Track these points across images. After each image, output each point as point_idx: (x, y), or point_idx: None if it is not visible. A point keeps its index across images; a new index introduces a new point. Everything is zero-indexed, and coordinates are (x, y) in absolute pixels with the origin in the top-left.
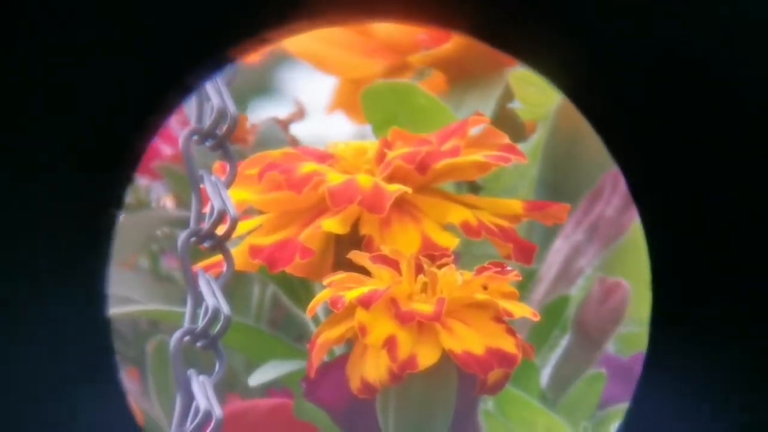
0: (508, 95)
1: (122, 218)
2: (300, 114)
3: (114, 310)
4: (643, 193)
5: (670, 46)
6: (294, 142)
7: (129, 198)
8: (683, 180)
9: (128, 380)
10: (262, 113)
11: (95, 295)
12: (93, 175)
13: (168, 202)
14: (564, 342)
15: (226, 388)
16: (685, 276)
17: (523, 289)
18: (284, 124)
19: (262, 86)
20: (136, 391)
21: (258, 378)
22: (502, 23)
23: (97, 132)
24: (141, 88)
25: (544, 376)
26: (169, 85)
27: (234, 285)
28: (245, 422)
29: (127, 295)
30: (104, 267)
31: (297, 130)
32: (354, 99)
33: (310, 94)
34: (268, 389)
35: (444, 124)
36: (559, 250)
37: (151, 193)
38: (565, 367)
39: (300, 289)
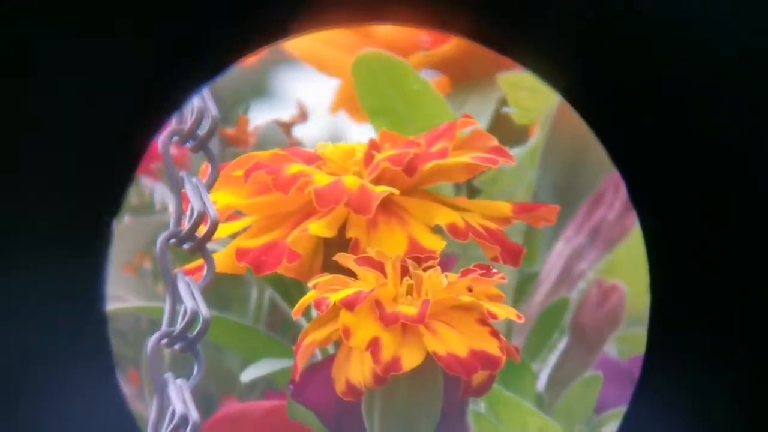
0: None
1: (126, 220)
2: (302, 116)
3: (112, 306)
4: (641, 195)
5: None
6: (296, 144)
7: (134, 200)
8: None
9: (127, 382)
10: (263, 115)
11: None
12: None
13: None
14: (561, 345)
15: (224, 390)
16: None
17: (524, 291)
18: (286, 127)
19: (263, 88)
20: (135, 394)
21: (250, 374)
22: (499, 26)
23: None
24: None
25: (542, 378)
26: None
27: (232, 287)
28: (242, 424)
29: (128, 295)
30: (102, 268)
31: (298, 132)
32: (356, 99)
33: (312, 96)
34: (265, 391)
35: (438, 112)
36: (560, 252)
37: (155, 194)
38: (561, 370)
39: (295, 291)
